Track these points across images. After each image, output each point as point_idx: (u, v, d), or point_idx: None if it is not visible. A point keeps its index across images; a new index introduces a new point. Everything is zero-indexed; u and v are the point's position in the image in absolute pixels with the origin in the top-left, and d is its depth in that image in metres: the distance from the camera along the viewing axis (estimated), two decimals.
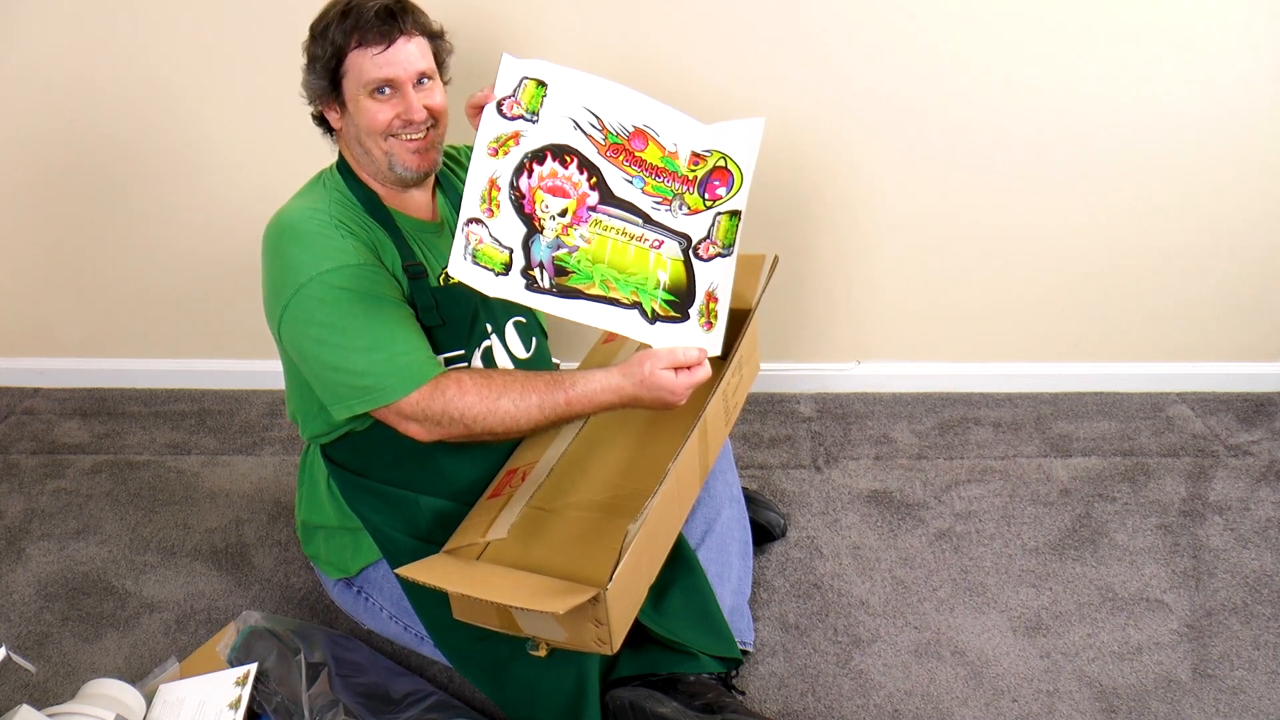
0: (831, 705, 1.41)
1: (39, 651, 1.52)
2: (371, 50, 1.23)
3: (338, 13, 1.25)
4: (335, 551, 1.42)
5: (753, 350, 1.50)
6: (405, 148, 1.28)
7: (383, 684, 1.40)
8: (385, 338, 1.20)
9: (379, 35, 1.23)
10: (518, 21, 1.82)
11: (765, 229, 1.99)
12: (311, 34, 1.28)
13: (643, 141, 1.28)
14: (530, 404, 1.22)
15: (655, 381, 1.20)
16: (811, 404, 2.14)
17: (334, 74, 1.26)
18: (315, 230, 1.24)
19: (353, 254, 1.23)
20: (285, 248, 1.23)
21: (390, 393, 1.20)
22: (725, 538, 1.46)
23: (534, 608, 1.06)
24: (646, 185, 1.26)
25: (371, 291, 1.22)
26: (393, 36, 1.23)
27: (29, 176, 2.02)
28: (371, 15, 1.23)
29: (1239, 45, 1.80)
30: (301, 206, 1.29)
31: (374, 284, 1.23)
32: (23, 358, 2.25)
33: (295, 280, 1.21)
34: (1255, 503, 1.80)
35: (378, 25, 1.23)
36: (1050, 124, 1.88)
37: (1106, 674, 1.45)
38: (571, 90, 1.26)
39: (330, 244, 1.23)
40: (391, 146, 1.28)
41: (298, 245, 1.22)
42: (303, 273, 1.21)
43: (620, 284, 1.21)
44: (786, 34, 1.81)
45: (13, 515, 1.83)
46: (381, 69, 1.24)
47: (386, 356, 1.20)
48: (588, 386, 1.22)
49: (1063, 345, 2.12)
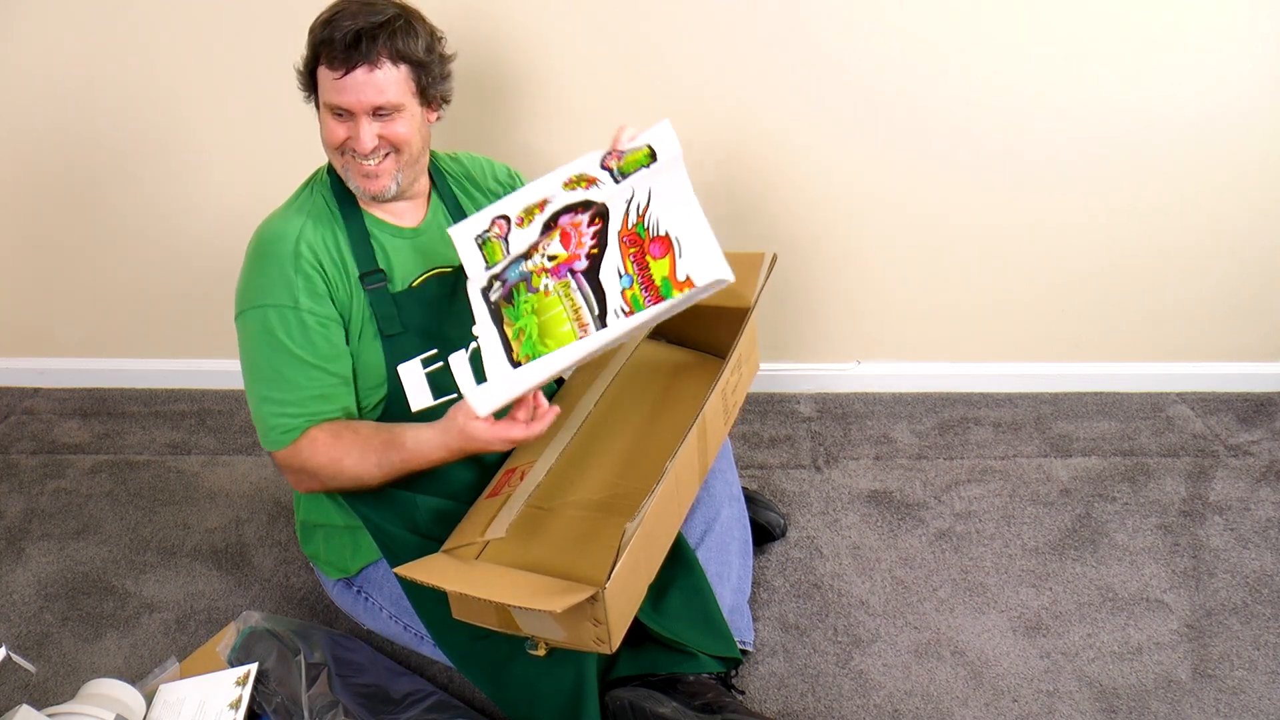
0: (831, 705, 1.41)
1: (39, 651, 1.53)
2: (332, 74, 1.23)
3: (321, 20, 1.24)
4: (335, 551, 1.42)
5: (752, 349, 1.50)
6: (357, 169, 1.28)
7: (383, 684, 1.40)
8: (279, 391, 1.26)
9: (339, 61, 1.21)
10: (518, 21, 1.82)
11: (765, 229, 1.99)
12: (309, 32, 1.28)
13: (661, 250, 1.20)
14: (370, 463, 1.26)
15: (469, 433, 1.21)
16: (811, 404, 2.14)
17: (310, 78, 1.28)
18: (273, 257, 1.27)
19: (291, 295, 1.25)
20: (247, 266, 1.30)
21: (267, 443, 1.29)
22: (725, 537, 1.45)
23: (532, 607, 1.06)
24: (629, 290, 1.19)
25: (289, 341, 1.25)
26: (352, 64, 1.21)
27: (29, 176, 2.02)
28: (339, 37, 1.20)
29: (1239, 45, 1.80)
30: (278, 224, 1.31)
31: (299, 332, 1.25)
32: (23, 358, 2.25)
33: (241, 304, 1.29)
34: (1255, 503, 1.80)
35: (340, 51, 1.21)
36: (1050, 124, 1.88)
37: (1106, 674, 1.45)
38: (660, 174, 1.22)
39: (278, 278, 1.26)
40: (346, 163, 1.29)
41: (254, 269, 1.29)
42: (246, 300, 1.28)
43: (527, 344, 1.20)
44: (786, 34, 1.81)
45: (13, 515, 1.83)
46: (337, 95, 1.24)
47: (272, 410, 1.27)
48: (418, 447, 1.25)
49: (1063, 345, 2.12)
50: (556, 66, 1.85)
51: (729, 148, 1.92)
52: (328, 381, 1.28)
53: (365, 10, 1.23)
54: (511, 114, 1.91)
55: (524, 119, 1.91)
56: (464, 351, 1.34)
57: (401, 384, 1.32)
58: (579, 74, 1.86)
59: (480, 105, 1.89)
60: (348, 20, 1.21)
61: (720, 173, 1.94)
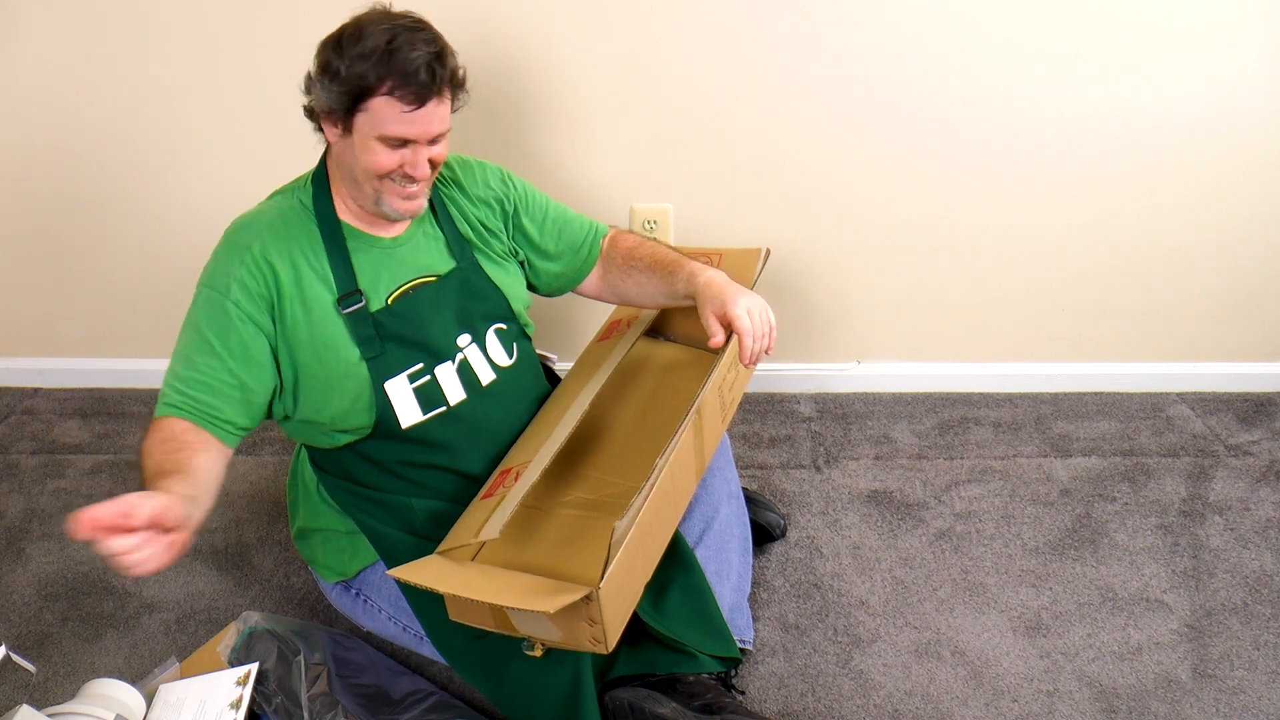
0: (831, 705, 1.41)
1: (39, 651, 1.52)
2: (401, 106, 1.18)
3: (379, 48, 1.17)
4: (332, 555, 1.42)
5: None
6: (397, 193, 1.26)
7: (383, 684, 1.40)
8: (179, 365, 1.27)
9: (414, 95, 1.18)
10: (515, 22, 1.82)
11: (765, 228, 1.99)
12: (337, 46, 1.20)
13: None
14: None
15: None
16: (811, 404, 2.14)
17: (352, 102, 1.20)
18: (234, 246, 1.27)
19: (226, 283, 1.25)
20: (219, 246, 1.30)
21: (163, 406, 1.27)
22: (724, 535, 1.45)
23: (525, 607, 1.06)
24: None
25: (205, 323, 1.25)
26: (426, 99, 1.19)
27: (29, 177, 2.02)
28: (414, 70, 1.17)
29: (1239, 46, 1.80)
30: (250, 217, 1.31)
31: (219, 319, 1.25)
32: (23, 358, 2.25)
33: (203, 277, 1.29)
34: (1255, 503, 1.80)
35: (416, 84, 1.17)
36: (1050, 124, 1.88)
37: (1106, 674, 1.45)
38: None
39: (223, 265, 1.26)
40: (383, 187, 1.26)
41: (224, 250, 1.29)
42: (208, 275, 1.28)
43: None
44: (787, 34, 1.81)
45: (13, 515, 1.83)
46: (406, 128, 1.20)
47: (167, 378, 1.27)
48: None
49: (1063, 345, 2.12)
50: (554, 67, 1.85)
51: (728, 148, 1.92)
52: (221, 374, 1.24)
53: (412, 33, 1.19)
54: (507, 117, 1.91)
55: (522, 121, 1.91)
56: (451, 363, 1.35)
57: (390, 402, 1.30)
58: (577, 74, 1.86)
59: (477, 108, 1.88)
60: (412, 51, 1.17)
61: (720, 172, 1.95)
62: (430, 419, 1.32)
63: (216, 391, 1.24)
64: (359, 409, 1.30)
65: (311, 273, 1.28)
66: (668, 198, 1.98)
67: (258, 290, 1.25)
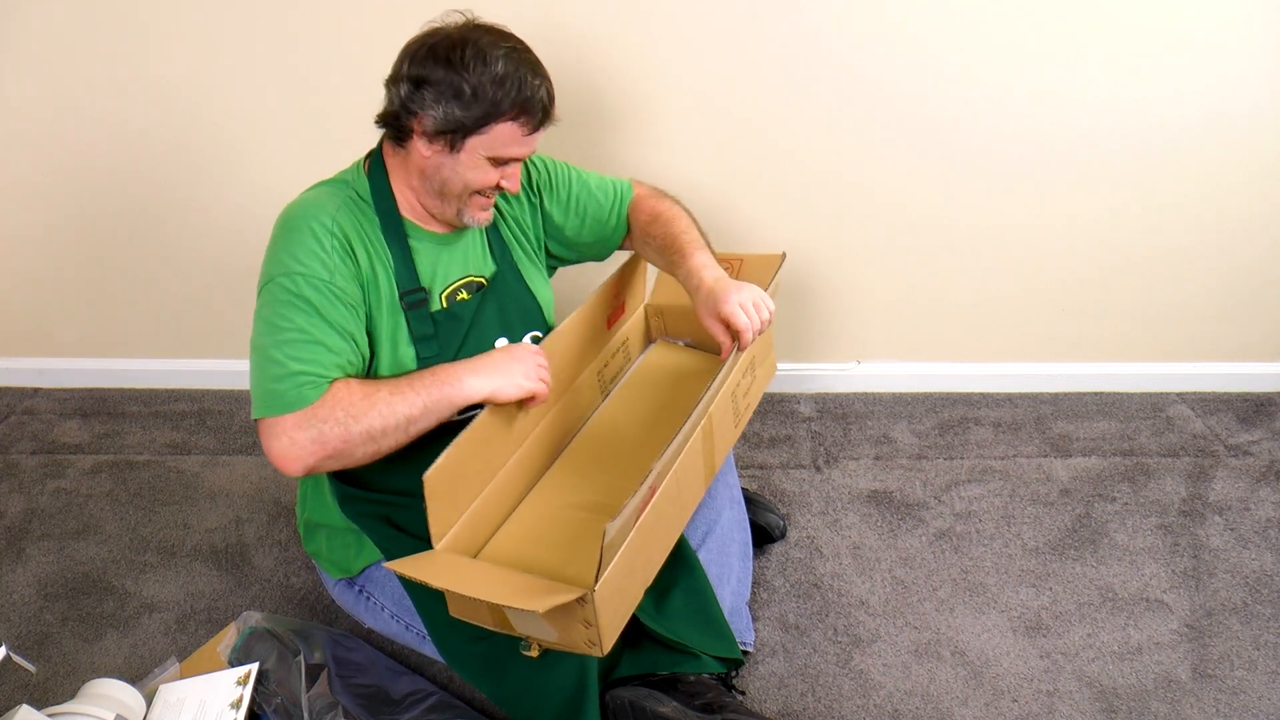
0: (831, 705, 1.41)
1: (39, 651, 1.52)
2: (523, 130, 1.25)
3: (509, 76, 1.22)
4: (338, 550, 1.42)
5: (767, 352, 1.50)
6: (479, 204, 1.31)
7: (383, 684, 1.40)
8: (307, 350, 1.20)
9: (534, 121, 1.26)
10: (516, 20, 1.82)
11: (766, 229, 1.99)
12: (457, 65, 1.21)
13: None
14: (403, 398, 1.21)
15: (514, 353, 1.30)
16: (811, 404, 2.14)
17: (477, 125, 1.23)
18: (306, 230, 1.24)
19: (325, 266, 1.22)
20: (277, 238, 1.26)
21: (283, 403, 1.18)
22: (726, 539, 1.46)
23: (517, 605, 1.06)
24: None
25: (323, 304, 1.21)
26: (543, 125, 1.28)
27: (29, 177, 2.02)
28: (540, 99, 1.25)
29: (1239, 46, 1.80)
30: (310, 201, 1.28)
31: (333, 301, 1.22)
32: (23, 358, 2.25)
33: (270, 271, 1.23)
34: (1255, 503, 1.80)
35: (540, 113, 1.26)
36: (1050, 124, 1.88)
37: (1106, 674, 1.45)
38: None
39: (312, 248, 1.23)
40: (469, 201, 1.30)
41: (286, 238, 1.24)
42: (278, 266, 1.23)
43: None
44: (788, 36, 1.81)
45: (13, 515, 1.83)
46: (522, 149, 1.28)
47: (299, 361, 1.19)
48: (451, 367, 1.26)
49: (1063, 345, 2.12)
50: (553, 68, 1.85)
51: (728, 148, 1.92)
52: (351, 355, 1.23)
53: (531, 61, 1.26)
54: None
55: None
56: None
57: None
58: (576, 75, 1.86)
59: None
60: (535, 79, 1.25)
61: (720, 173, 1.95)
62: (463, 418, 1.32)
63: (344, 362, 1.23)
64: None
65: (381, 263, 1.29)
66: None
67: (351, 270, 1.25)
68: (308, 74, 1.86)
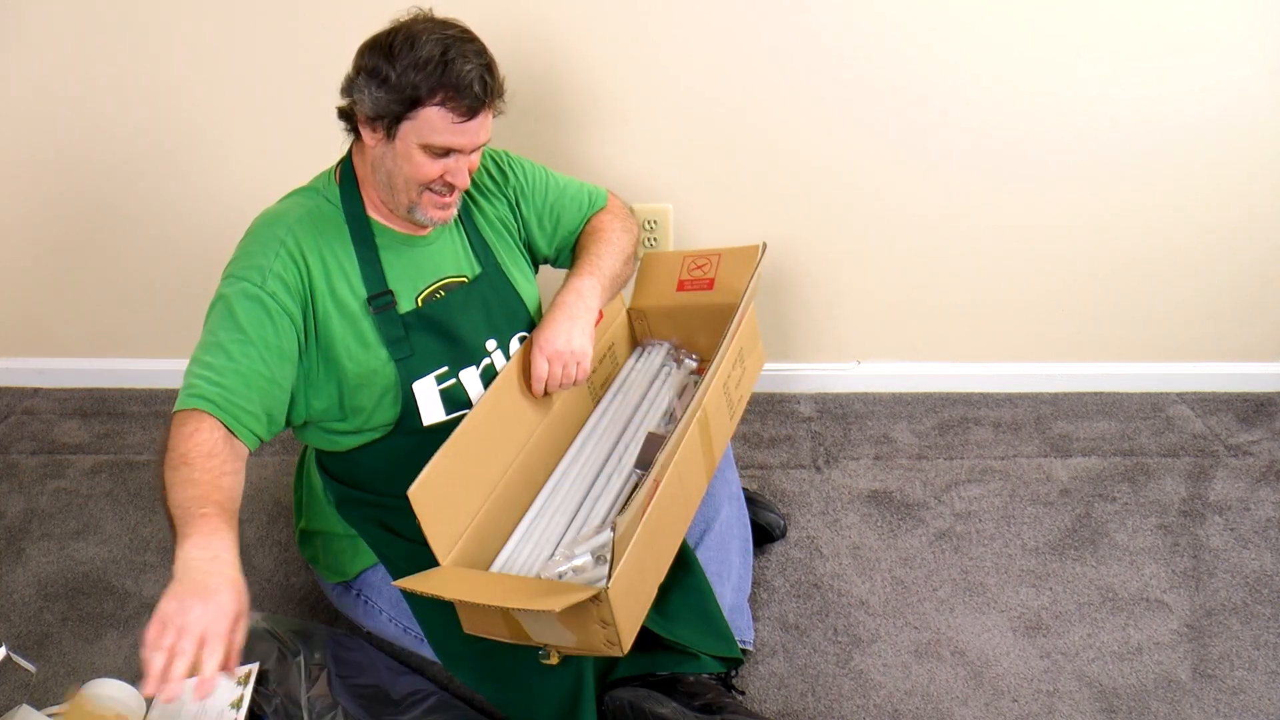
0: (831, 705, 1.41)
1: (39, 651, 1.52)
2: (452, 116, 1.19)
3: (434, 59, 1.17)
4: (334, 556, 1.42)
5: (754, 343, 1.49)
6: (433, 201, 1.27)
7: (383, 684, 1.40)
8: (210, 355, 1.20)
9: (466, 107, 1.19)
10: (517, 20, 1.82)
11: (765, 229, 1.99)
12: (387, 52, 1.19)
13: None
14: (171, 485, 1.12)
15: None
16: (811, 404, 2.14)
17: (401, 110, 1.20)
18: (265, 239, 1.25)
19: (261, 275, 1.22)
20: (245, 239, 1.29)
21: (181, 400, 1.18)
22: (725, 536, 1.45)
23: (531, 607, 1.05)
24: None
25: (241, 314, 1.21)
26: (477, 111, 1.21)
27: (29, 177, 2.02)
28: (468, 82, 1.18)
29: (1239, 46, 1.80)
30: (275, 212, 1.30)
31: (255, 310, 1.21)
32: (23, 358, 2.25)
33: (230, 268, 1.26)
34: (1255, 503, 1.80)
35: (470, 97, 1.19)
36: (1050, 124, 1.88)
37: (1106, 674, 1.45)
38: None
39: (257, 257, 1.24)
40: (421, 196, 1.27)
41: (251, 242, 1.27)
42: (235, 266, 1.25)
43: None
44: (788, 32, 1.81)
45: (13, 515, 1.83)
46: (454, 138, 1.21)
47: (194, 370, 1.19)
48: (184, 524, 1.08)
49: (1063, 345, 2.12)
50: (553, 68, 1.85)
51: (728, 148, 1.92)
52: (256, 365, 1.20)
53: (464, 45, 1.20)
54: (506, 118, 1.90)
55: (521, 122, 1.91)
56: (476, 368, 1.35)
57: (416, 401, 1.30)
58: (576, 75, 1.86)
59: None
60: (465, 63, 1.18)
61: (720, 172, 1.95)
62: (453, 418, 1.32)
63: (250, 383, 1.19)
64: (385, 405, 1.30)
65: (341, 271, 1.28)
66: (668, 198, 1.98)
67: (293, 283, 1.24)
68: (308, 73, 1.86)
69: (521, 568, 1.25)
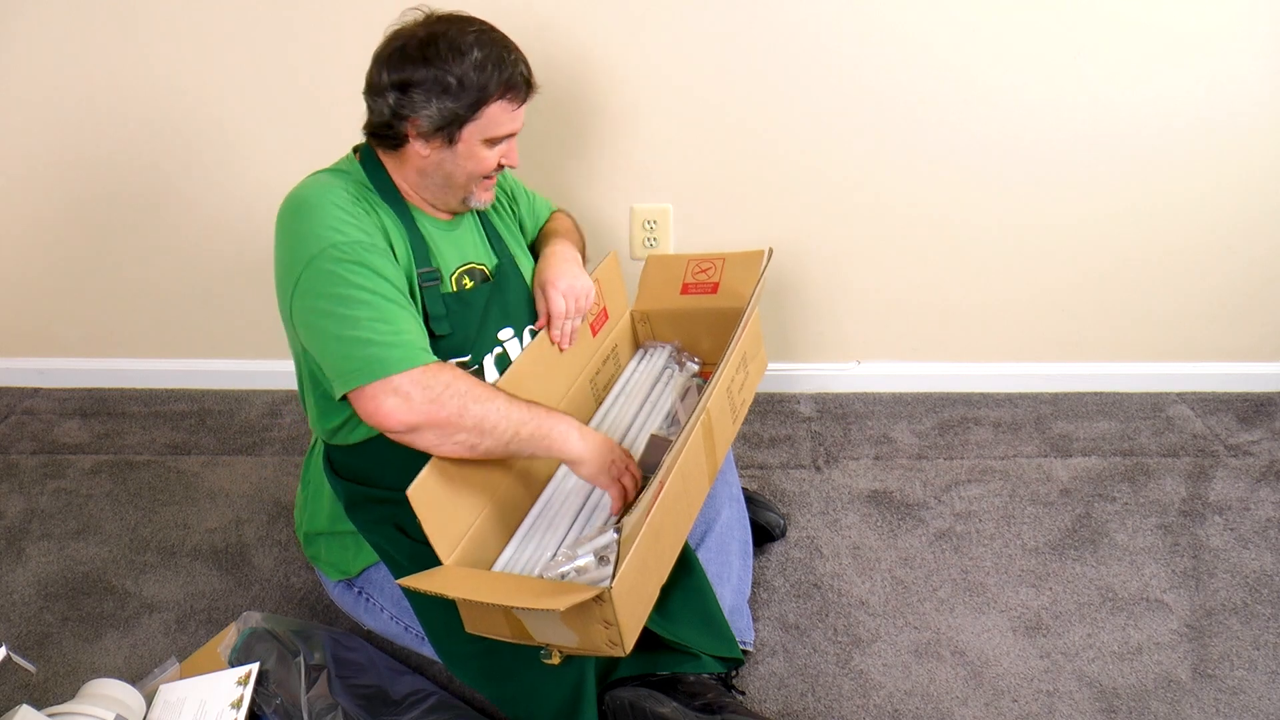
0: (831, 705, 1.41)
1: (39, 651, 1.52)
2: (511, 106, 1.28)
3: (489, 59, 1.23)
4: (336, 553, 1.42)
5: (757, 347, 1.50)
6: (485, 186, 1.34)
7: (383, 684, 1.40)
8: (390, 313, 1.18)
9: (521, 95, 1.29)
10: (515, 20, 1.82)
11: (765, 229, 1.99)
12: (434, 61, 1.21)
13: None
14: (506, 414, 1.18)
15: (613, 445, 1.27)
16: (811, 404, 2.14)
17: (470, 112, 1.25)
18: (328, 203, 1.21)
19: (362, 231, 1.21)
20: (298, 222, 1.21)
21: (392, 364, 1.14)
22: (725, 537, 1.46)
23: (535, 607, 1.05)
24: None
25: (377, 269, 1.20)
26: (528, 96, 1.31)
27: (29, 177, 2.02)
28: (519, 74, 1.28)
29: (1239, 46, 1.80)
30: (318, 183, 1.26)
31: (380, 263, 1.21)
32: (23, 358, 2.25)
33: (307, 253, 1.18)
34: (1255, 503, 1.80)
35: (523, 85, 1.29)
36: (1050, 125, 1.88)
37: (1106, 674, 1.45)
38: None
39: (342, 217, 1.20)
40: (477, 186, 1.33)
41: (310, 219, 1.20)
42: (314, 245, 1.18)
43: None
44: (786, 36, 1.81)
45: (13, 515, 1.83)
46: (512, 124, 1.30)
47: (392, 330, 1.17)
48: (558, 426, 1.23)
49: (1063, 345, 2.12)
50: (553, 68, 1.85)
51: (728, 148, 1.92)
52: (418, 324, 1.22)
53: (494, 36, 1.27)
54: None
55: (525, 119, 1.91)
56: (490, 355, 1.36)
57: None
58: (576, 76, 1.86)
59: None
60: (510, 54, 1.27)
61: (720, 173, 1.95)
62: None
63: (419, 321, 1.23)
64: None
65: (398, 239, 1.28)
66: (668, 198, 1.98)
67: (376, 232, 1.23)
68: (310, 72, 1.87)
69: (524, 568, 1.25)
